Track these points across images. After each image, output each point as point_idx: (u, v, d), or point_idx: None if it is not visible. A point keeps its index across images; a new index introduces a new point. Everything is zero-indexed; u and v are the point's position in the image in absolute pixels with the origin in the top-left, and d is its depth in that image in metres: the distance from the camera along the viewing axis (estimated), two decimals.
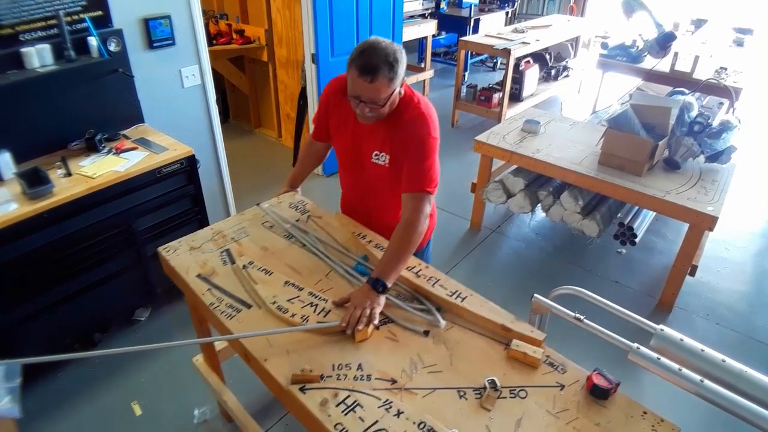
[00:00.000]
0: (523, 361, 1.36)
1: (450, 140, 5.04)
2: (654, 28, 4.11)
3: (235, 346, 1.51)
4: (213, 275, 1.66)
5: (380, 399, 1.25)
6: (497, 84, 5.33)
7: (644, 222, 3.15)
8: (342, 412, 1.22)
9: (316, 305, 1.53)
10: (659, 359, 1.26)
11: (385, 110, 1.60)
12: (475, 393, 1.28)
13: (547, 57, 5.96)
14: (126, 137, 2.69)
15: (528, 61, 5.40)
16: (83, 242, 2.36)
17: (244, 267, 1.67)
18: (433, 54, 6.68)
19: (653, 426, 1.19)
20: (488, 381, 1.29)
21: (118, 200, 2.42)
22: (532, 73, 5.45)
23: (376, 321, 1.46)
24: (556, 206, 3.21)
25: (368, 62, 1.50)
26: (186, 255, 1.76)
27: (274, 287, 1.59)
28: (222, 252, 1.77)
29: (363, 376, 1.32)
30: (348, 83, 1.58)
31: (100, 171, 2.36)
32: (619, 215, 3.19)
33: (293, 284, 1.61)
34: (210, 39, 4.57)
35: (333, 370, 1.33)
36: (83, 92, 2.51)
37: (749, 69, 4.31)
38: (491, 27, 6.40)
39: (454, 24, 6.58)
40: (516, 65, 5.16)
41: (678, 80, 4.08)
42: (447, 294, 1.56)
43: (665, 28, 4.12)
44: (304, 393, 1.27)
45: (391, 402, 1.24)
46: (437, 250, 2.17)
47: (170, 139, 2.70)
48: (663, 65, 4.28)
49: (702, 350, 1.27)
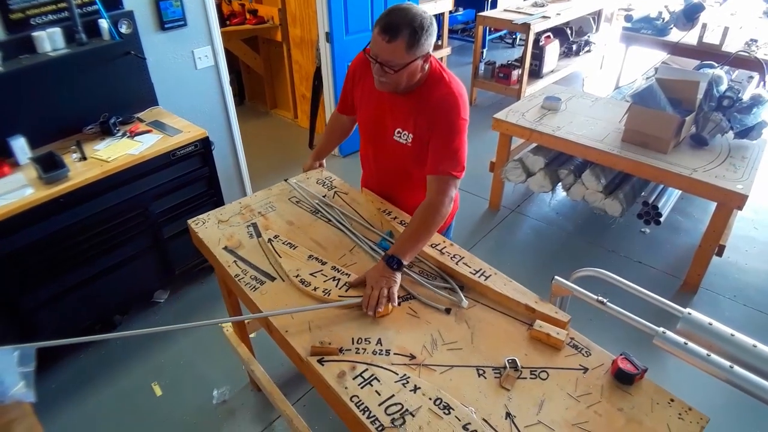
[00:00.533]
0: (546, 342, 1.33)
1: (468, 118, 4.94)
2: None
3: (259, 318, 1.52)
4: (239, 248, 1.70)
5: (398, 374, 1.24)
6: (516, 60, 5.21)
7: (669, 201, 3.06)
8: (359, 385, 1.21)
9: (339, 279, 1.53)
10: (686, 344, 1.21)
11: (402, 80, 1.52)
12: (495, 372, 1.26)
13: (568, 32, 5.79)
14: (140, 120, 2.68)
15: (548, 36, 5.25)
16: (100, 226, 2.37)
17: (270, 241, 1.69)
18: (451, 31, 6.53)
19: (680, 414, 1.14)
20: (509, 360, 1.26)
21: (134, 183, 2.42)
22: (553, 49, 5.31)
23: (396, 302, 1.43)
24: (578, 185, 3.13)
25: (391, 21, 1.44)
26: (214, 228, 1.80)
27: (298, 261, 1.61)
28: (249, 225, 1.80)
29: (382, 351, 1.31)
30: (371, 41, 1.51)
31: (115, 154, 2.36)
32: (643, 194, 3.10)
33: (317, 258, 1.62)
34: (223, 19, 4.53)
35: (352, 344, 1.33)
36: (96, 75, 2.50)
37: None
38: (510, 1, 6.21)
39: None
40: (536, 41, 5.02)
41: (706, 53, 3.92)
42: (471, 272, 1.53)
43: None
44: (323, 365, 1.27)
45: (409, 377, 1.23)
46: (456, 230, 2.13)
47: (184, 122, 2.68)
48: (690, 38, 4.12)
49: (732, 335, 1.21)
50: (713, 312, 2.73)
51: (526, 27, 4.62)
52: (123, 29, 2.52)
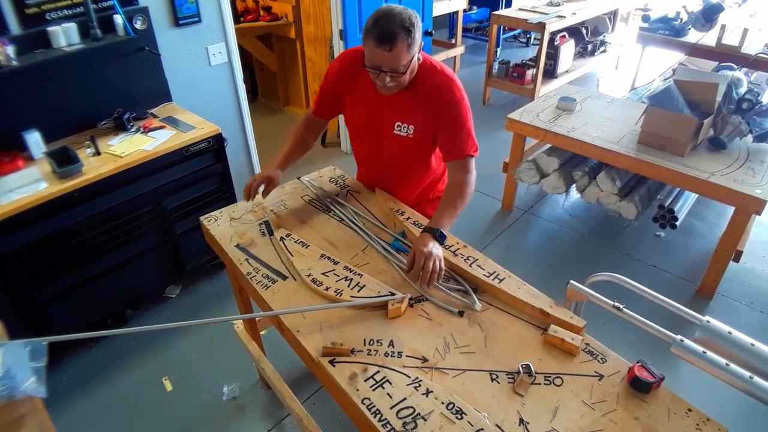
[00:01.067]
0: (561, 348, 1.31)
1: (481, 118, 4.91)
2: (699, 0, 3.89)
3: (270, 316, 1.52)
4: (251, 245, 1.70)
5: (410, 377, 1.23)
6: (531, 60, 5.16)
7: (686, 204, 3.01)
8: (370, 387, 1.20)
9: (351, 279, 1.52)
10: (705, 353, 1.18)
11: (406, 78, 1.57)
12: (508, 377, 1.24)
13: (584, 31, 5.73)
14: (154, 116, 2.69)
15: (563, 36, 5.19)
16: (113, 221, 2.38)
17: (282, 239, 1.68)
18: (464, 30, 6.49)
19: (697, 425, 1.11)
20: (522, 366, 1.25)
21: (147, 179, 2.43)
22: (568, 49, 5.25)
23: (440, 279, 1.47)
24: (592, 187, 3.10)
25: (385, 30, 1.45)
26: (226, 225, 1.80)
27: (310, 260, 1.60)
28: (261, 223, 1.80)
29: (394, 353, 1.30)
30: (366, 55, 1.54)
31: (129, 150, 2.36)
32: (659, 197, 3.05)
33: (329, 258, 1.61)
34: (237, 16, 4.53)
35: (364, 345, 1.32)
36: (110, 71, 2.51)
37: None
38: (525, 0, 6.16)
39: None
40: (551, 40, 4.97)
41: (725, 55, 3.86)
42: (484, 274, 1.52)
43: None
44: (334, 366, 1.26)
45: (421, 380, 1.22)
46: (468, 231, 2.11)
47: (197, 118, 2.68)
48: (708, 39, 4.06)
49: (752, 344, 1.19)
50: (729, 319, 2.68)
51: (541, 26, 4.57)
52: (138, 25, 2.52)
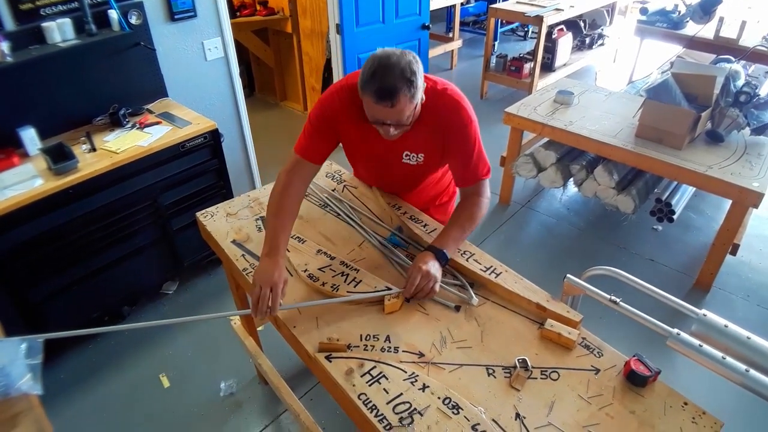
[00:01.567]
0: (557, 342, 1.31)
1: (479, 112, 4.80)
2: None
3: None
4: (247, 241, 1.69)
5: (406, 372, 1.23)
6: (528, 53, 5.14)
7: (683, 198, 3.01)
8: (367, 383, 1.21)
9: (347, 275, 1.52)
10: (701, 346, 1.18)
11: (411, 121, 1.46)
12: (505, 372, 1.24)
13: (582, 24, 5.70)
14: (150, 112, 2.68)
15: (561, 29, 5.17)
16: (109, 217, 2.37)
17: None
18: (462, 23, 6.47)
19: (693, 418, 1.12)
20: (519, 360, 1.25)
21: (143, 175, 2.42)
22: (566, 42, 5.23)
23: (434, 295, 1.44)
24: (590, 181, 3.09)
25: (385, 85, 1.32)
26: (222, 221, 1.80)
27: (307, 255, 1.60)
28: (257, 219, 1.80)
29: (390, 348, 1.30)
30: (366, 108, 1.42)
31: (124, 146, 2.35)
32: (657, 190, 3.05)
33: (325, 253, 1.61)
34: (233, 11, 4.50)
35: (360, 341, 1.32)
36: (105, 66, 2.50)
37: None
38: None
39: None
40: (548, 33, 4.94)
41: (723, 47, 3.85)
42: (481, 269, 1.52)
43: None
44: (330, 361, 1.27)
45: (417, 375, 1.22)
46: None
47: (194, 113, 2.67)
48: (706, 31, 4.04)
49: (748, 338, 1.19)
50: (726, 312, 2.69)
51: (539, 19, 4.55)
52: (133, 20, 2.51)
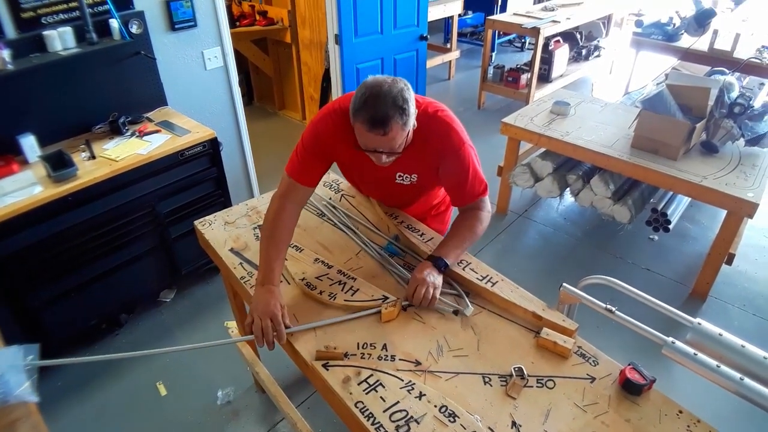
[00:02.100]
0: (553, 351, 1.32)
1: (476, 122, 4.93)
2: (692, 5, 3.92)
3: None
4: (245, 250, 1.70)
5: (403, 380, 1.23)
6: (525, 64, 5.18)
7: (678, 208, 3.03)
8: (363, 391, 1.21)
9: (344, 283, 1.52)
10: (696, 355, 1.19)
11: (403, 147, 1.46)
12: (501, 380, 1.25)
13: (578, 36, 5.76)
14: (149, 120, 2.69)
15: (558, 41, 5.22)
16: (107, 225, 2.38)
17: None
18: (459, 34, 6.52)
19: (688, 426, 1.12)
20: (515, 368, 1.26)
21: (142, 183, 2.43)
22: (562, 53, 5.28)
23: (435, 303, 1.44)
24: (586, 191, 3.11)
25: (376, 114, 1.31)
26: (220, 229, 1.81)
27: (304, 264, 1.61)
28: (255, 227, 1.80)
29: (387, 357, 1.31)
30: (357, 136, 1.40)
31: (124, 154, 2.36)
32: (652, 200, 3.07)
33: (323, 262, 1.61)
34: (233, 20, 4.54)
35: (358, 349, 1.33)
36: (106, 75, 2.51)
37: None
38: (519, 5, 6.16)
39: (481, 3, 6.39)
40: (545, 45, 5.00)
41: (717, 59, 3.90)
42: (477, 278, 1.53)
43: (704, 5, 3.93)
44: (327, 370, 1.27)
45: (414, 384, 1.22)
46: None
47: (193, 122, 2.69)
48: (701, 44, 4.09)
49: (743, 346, 1.20)
50: (722, 321, 2.70)
51: (536, 31, 4.60)
52: (133, 29, 2.53)
